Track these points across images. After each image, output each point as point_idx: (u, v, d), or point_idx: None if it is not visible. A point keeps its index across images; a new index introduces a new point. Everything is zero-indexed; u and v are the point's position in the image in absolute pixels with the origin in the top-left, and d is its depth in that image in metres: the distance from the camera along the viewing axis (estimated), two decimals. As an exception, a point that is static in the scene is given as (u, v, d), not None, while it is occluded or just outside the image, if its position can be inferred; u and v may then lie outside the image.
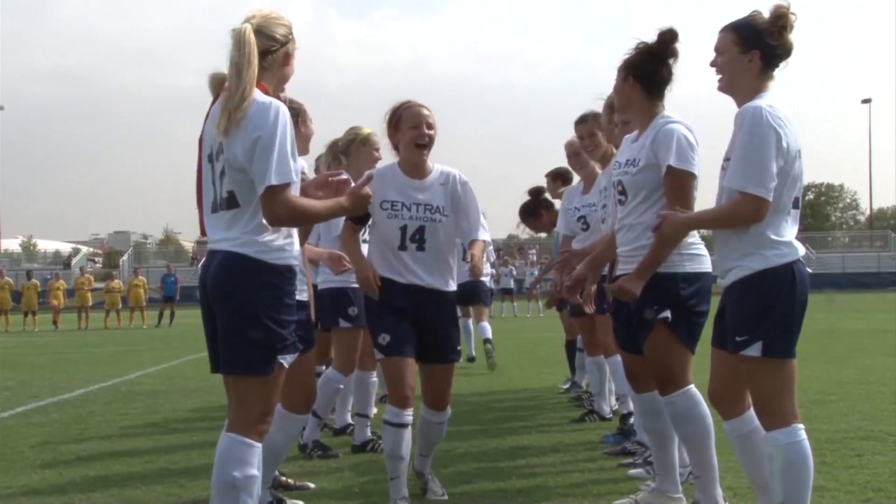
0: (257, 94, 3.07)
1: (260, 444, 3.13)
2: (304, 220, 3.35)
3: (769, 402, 3.25)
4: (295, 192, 3.13)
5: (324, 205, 3.27)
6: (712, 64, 3.40)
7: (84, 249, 69.02)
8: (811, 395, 7.61)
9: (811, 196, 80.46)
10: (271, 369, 3.10)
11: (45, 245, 72.99)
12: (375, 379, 5.89)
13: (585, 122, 5.35)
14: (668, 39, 3.79)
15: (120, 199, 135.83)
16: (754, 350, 3.21)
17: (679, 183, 3.72)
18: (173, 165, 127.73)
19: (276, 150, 2.99)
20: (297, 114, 4.54)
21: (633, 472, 4.90)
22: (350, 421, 6.27)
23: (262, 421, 3.14)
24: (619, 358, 5.95)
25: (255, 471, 3.09)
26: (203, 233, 3.38)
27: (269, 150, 2.99)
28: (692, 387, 3.83)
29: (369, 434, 5.82)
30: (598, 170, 5.52)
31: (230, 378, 3.17)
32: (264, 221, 3.10)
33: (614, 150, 4.92)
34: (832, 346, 12.76)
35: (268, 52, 3.17)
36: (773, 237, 3.24)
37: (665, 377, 3.82)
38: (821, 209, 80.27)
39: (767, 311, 3.22)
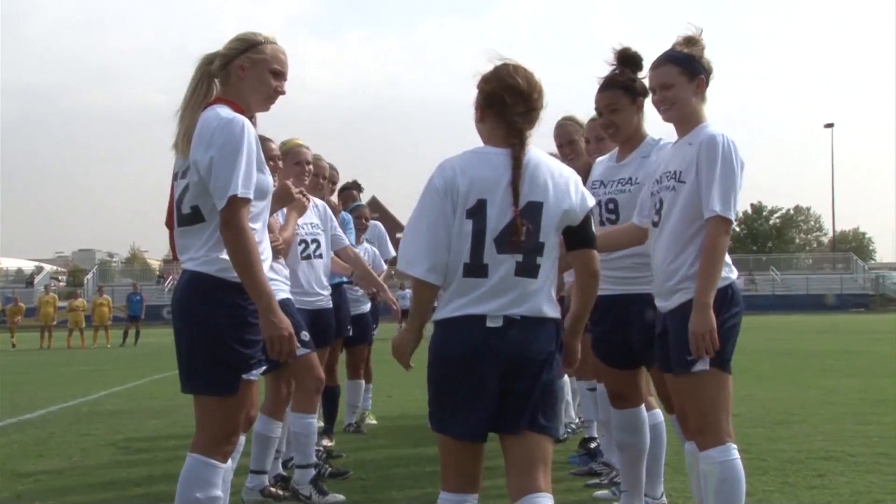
0: (221, 110, 3.09)
1: (224, 465, 3.10)
2: (242, 244, 2.96)
3: (708, 419, 3.30)
4: (258, 210, 3.14)
5: (259, 265, 3.00)
6: (658, 99, 3.47)
7: (48, 268, 68.01)
8: (775, 415, 7.69)
9: (777, 221, 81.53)
10: (235, 389, 3.06)
11: (8, 263, 71.71)
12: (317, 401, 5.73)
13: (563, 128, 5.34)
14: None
15: (85, 216, 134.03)
16: (703, 364, 3.25)
17: None
18: (139, 183, 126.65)
19: (235, 163, 2.97)
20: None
21: (598, 493, 4.91)
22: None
23: (226, 441, 3.10)
24: (582, 383, 5.99)
25: (219, 491, 3.07)
26: (173, 254, 3.38)
27: (229, 163, 2.97)
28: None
29: (314, 459, 5.65)
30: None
31: (194, 398, 3.14)
32: None
33: None
34: (795, 367, 12.93)
35: (224, 67, 3.23)
36: None
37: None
38: (785, 231, 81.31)
39: (715, 328, 3.26)
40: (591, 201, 2.90)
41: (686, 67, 3.43)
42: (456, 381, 2.77)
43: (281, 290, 4.51)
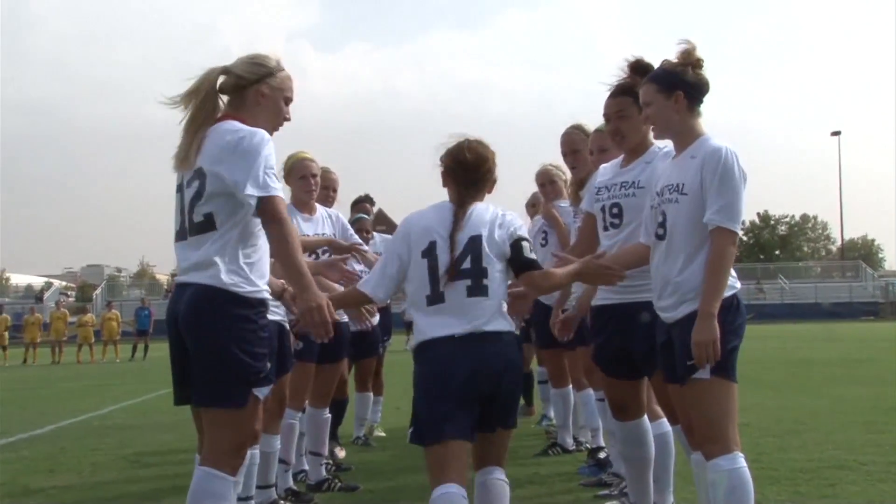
0: (238, 124, 3.18)
1: (234, 478, 3.12)
2: (286, 234, 3.11)
3: (714, 428, 3.29)
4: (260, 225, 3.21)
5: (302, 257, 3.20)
6: (643, 117, 3.61)
7: (57, 283, 68.17)
8: (785, 424, 7.66)
9: (783, 229, 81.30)
10: (245, 402, 3.09)
11: (18, 279, 72.03)
12: (328, 416, 5.66)
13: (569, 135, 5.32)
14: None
15: (93, 231, 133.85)
16: (703, 373, 3.27)
17: None
18: (148, 197, 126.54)
19: (266, 166, 3.11)
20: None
21: None
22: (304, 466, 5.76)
23: (236, 454, 3.13)
24: (590, 392, 5.97)
25: None
26: None
27: (261, 166, 3.09)
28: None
29: (324, 473, 5.61)
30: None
31: (203, 411, 3.15)
32: (240, 251, 3.14)
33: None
34: (806, 376, 12.87)
35: (238, 88, 3.31)
36: None
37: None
38: (793, 240, 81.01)
39: (719, 339, 3.25)
40: (519, 234, 3.44)
41: (661, 84, 3.47)
42: (443, 392, 3.27)
43: (273, 311, 4.32)
